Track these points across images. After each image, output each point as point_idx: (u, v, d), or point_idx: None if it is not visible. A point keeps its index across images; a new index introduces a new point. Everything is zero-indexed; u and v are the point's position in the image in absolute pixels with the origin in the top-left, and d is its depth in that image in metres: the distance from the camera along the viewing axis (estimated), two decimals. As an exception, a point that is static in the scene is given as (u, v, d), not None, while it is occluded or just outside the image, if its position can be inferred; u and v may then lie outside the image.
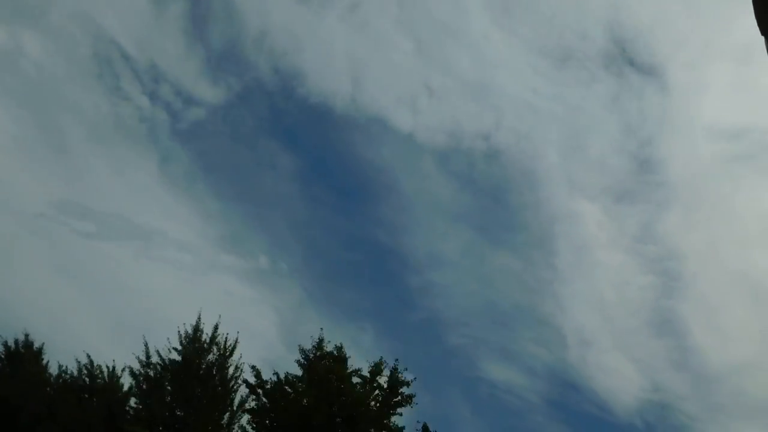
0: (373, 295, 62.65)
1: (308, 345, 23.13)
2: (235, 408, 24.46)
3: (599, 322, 59.05)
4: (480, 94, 64.14)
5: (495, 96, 63.94)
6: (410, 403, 22.19)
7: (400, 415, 22.33)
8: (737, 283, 61.85)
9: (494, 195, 65.44)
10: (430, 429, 22.00)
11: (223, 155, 64.38)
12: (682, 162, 63.87)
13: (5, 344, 28.81)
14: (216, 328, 25.06)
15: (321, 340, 22.83)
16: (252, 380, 23.23)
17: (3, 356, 28.80)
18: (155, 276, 51.67)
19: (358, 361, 23.34)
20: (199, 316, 25.23)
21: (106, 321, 45.50)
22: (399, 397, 22.25)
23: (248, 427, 23.49)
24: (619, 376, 54.46)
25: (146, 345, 24.84)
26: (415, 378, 22.61)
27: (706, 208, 63.63)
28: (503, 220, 65.54)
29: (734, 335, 57.30)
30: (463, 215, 65.91)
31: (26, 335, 29.28)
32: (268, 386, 22.69)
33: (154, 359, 24.71)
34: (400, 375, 22.34)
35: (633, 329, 58.53)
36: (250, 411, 23.61)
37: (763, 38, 5.88)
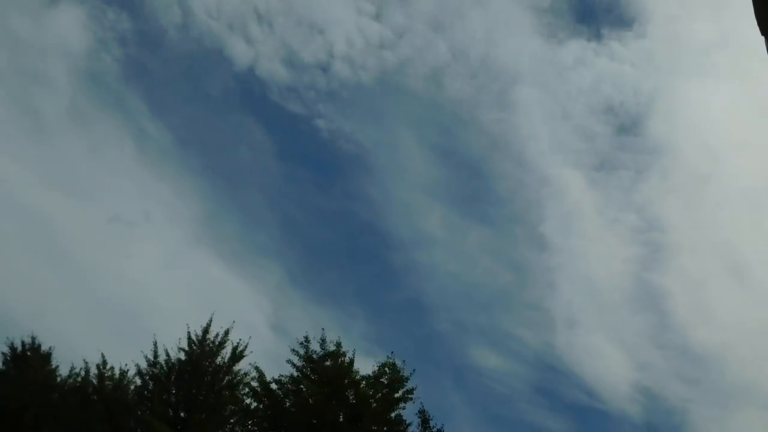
0: (355, 277, 61.80)
1: (301, 341, 23.07)
2: (241, 411, 24.64)
3: (586, 300, 58.11)
4: (306, 16, 61.07)
5: (322, 19, 60.98)
6: (411, 398, 22.49)
7: (403, 409, 22.66)
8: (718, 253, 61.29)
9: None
10: (428, 414, 22.21)
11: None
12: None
13: (12, 346, 29.11)
14: (227, 332, 25.32)
15: (324, 340, 23.14)
16: (254, 383, 23.44)
17: (9, 358, 29.08)
18: (134, 259, 51.38)
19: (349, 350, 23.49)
20: (211, 318, 25.54)
21: (88, 307, 45.14)
22: (400, 393, 22.60)
23: (254, 429, 23.69)
24: (607, 358, 53.20)
25: (155, 344, 25.16)
26: (414, 370, 22.74)
27: (686, 171, 62.70)
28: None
29: (721, 311, 56.78)
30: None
31: (33, 338, 29.58)
32: (273, 385, 22.98)
33: (162, 359, 25.03)
34: (400, 369, 22.58)
35: (619, 307, 57.55)
36: (253, 413, 23.80)
37: (763, 38, 6.44)
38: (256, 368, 23.21)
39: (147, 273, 50.17)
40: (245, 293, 49.67)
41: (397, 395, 22.56)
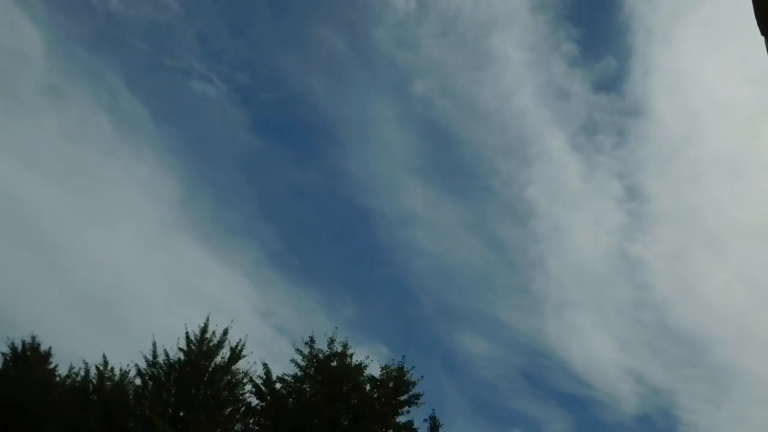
0: (336, 257, 60.79)
1: (306, 341, 23.23)
2: (240, 411, 24.63)
3: (573, 277, 57.61)
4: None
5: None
6: (417, 403, 22.52)
7: (408, 412, 22.63)
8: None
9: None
10: (438, 421, 22.19)
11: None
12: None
13: (12, 346, 29.10)
14: (226, 332, 25.14)
15: (332, 339, 23.17)
16: (258, 380, 23.48)
17: (9, 358, 29.07)
18: (114, 244, 50.66)
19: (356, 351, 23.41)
20: (208, 317, 25.41)
21: (68, 295, 44.43)
22: (405, 397, 22.61)
23: (254, 428, 23.68)
24: (594, 339, 53.01)
25: (154, 344, 25.06)
26: (422, 377, 22.76)
27: (664, 135, 60.73)
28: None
29: (702, 288, 56.25)
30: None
31: (33, 337, 29.55)
32: (276, 384, 23.00)
33: (161, 359, 24.96)
34: (406, 372, 22.60)
35: (605, 285, 56.94)
36: (254, 411, 23.78)
37: (763, 38, 6.43)
38: (264, 365, 23.33)
39: (127, 258, 49.31)
40: (228, 277, 49.14)
41: (402, 398, 22.57)
